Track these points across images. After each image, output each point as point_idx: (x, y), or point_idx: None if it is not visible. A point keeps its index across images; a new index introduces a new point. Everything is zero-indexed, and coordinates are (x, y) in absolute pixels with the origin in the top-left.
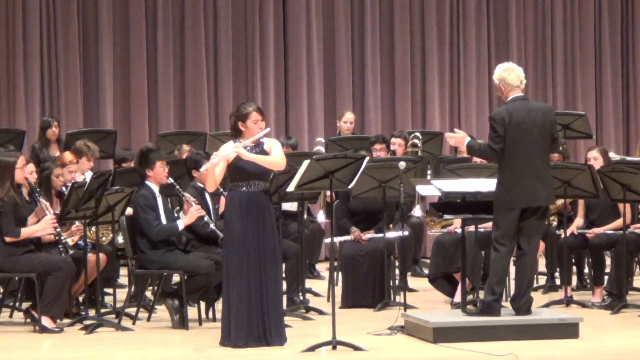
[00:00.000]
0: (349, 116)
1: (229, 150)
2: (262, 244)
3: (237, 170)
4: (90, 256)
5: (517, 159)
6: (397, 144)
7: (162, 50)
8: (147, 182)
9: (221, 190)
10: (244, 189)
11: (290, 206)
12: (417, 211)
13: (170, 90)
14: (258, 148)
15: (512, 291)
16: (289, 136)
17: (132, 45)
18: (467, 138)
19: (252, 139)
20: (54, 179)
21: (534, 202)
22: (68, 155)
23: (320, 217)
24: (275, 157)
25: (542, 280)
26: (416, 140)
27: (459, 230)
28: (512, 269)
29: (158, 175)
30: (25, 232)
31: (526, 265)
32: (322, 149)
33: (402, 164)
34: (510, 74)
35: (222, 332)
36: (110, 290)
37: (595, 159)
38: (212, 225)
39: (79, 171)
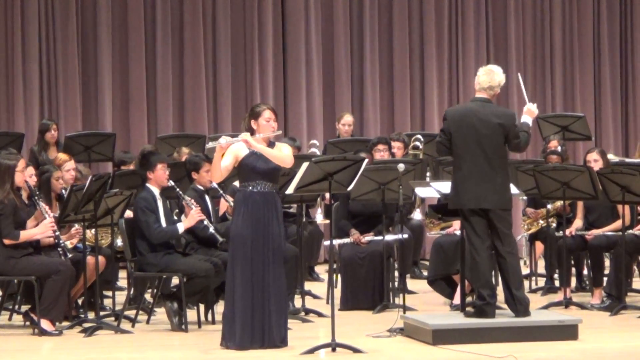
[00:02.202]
0: (347, 119)
1: (237, 138)
2: (268, 246)
3: (246, 169)
4: (90, 259)
5: (468, 160)
6: (395, 147)
7: (161, 52)
8: (147, 185)
9: (221, 192)
10: (252, 189)
11: (288, 206)
12: (417, 214)
13: (169, 92)
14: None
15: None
16: (293, 137)
17: (130, 48)
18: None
19: (262, 135)
20: (54, 182)
21: (480, 204)
22: (62, 155)
23: (319, 217)
24: (283, 152)
25: (541, 281)
26: (417, 143)
27: (458, 232)
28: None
29: (159, 177)
30: (25, 235)
31: (508, 268)
32: (317, 151)
33: (401, 166)
34: (483, 75)
35: (224, 334)
36: (109, 293)
37: (596, 161)
38: (211, 229)
39: None
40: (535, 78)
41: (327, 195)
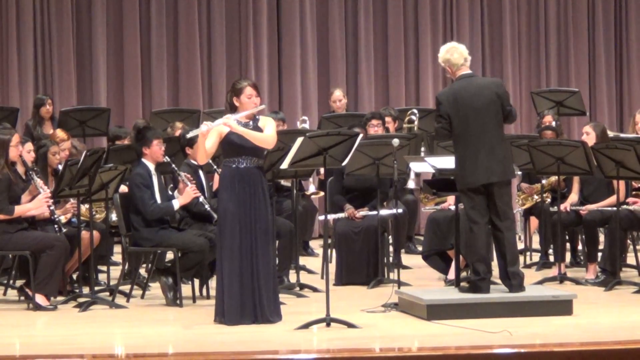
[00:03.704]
0: (337, 94)
1: (219, 121)
2: (254, 221)
3: (230, 145)
4: (84, 234)
5: (469, 137)
6: (385, 121)
7: (156, 27)
8: (143, 160)
9: (215, 167)
10: (237, 165)
11: (283, 180)
12: (411, 183)
13: (164, 67)
14: (252, 124)
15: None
16: (276, 110)
17: (125, 23)
18: None
19: (245, 113)
20: (51, 157)
21: (490, 179)
22: (60, 133)
23: (311, 187)
24: (265, 134)
25: (536, 257)
26: (412, 117)
27: (452, 207)
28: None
29: (155, 153)
30: (19, 210)
31: (505, 242)
32: (307, 127)
33: (395, 141)
34: (453, 54)
35: (216, 309)
36: (104, 268)
37: (588, 134)
38: (207, 207)
39: None
40: (530, 53)
41: (322, 170)
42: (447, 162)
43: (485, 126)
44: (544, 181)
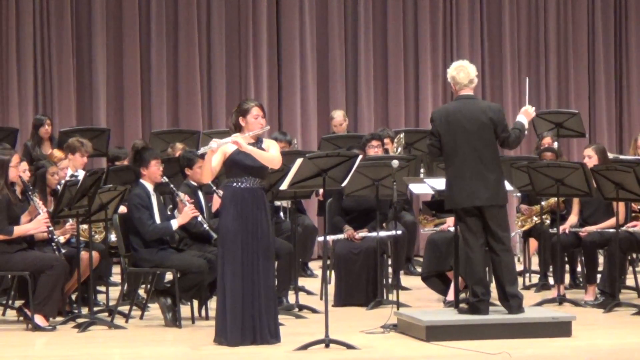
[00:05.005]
0: (338, 119)
1: (228, 139)
2: (256, 242)
3: (234, 165)
4: (83, 254)
5: (456, 159)
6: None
7: (156, 48)
8: (141, 181)
9: (214, 188)
10: (240, 184)
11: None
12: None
13: (164, 88)
14: (257, 146)
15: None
16: (284, 132)
17: (125, 44)
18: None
19: (252, 133)
20: (49, 177)
21: (473, 202)
22: (57, 153)
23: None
24: (272, 154)
25: (535, 278)
26: (401, 136)
27: (451, 229)
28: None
29: (153, 174)
30: (19, 230)
31: (502, 265)
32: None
33: (395, 163)
34: (459, 73)
35: (217, 330)
36: (103, 289)
37: (590, 157)
38: (205, 226)
39: (72, 167)
40: (530, 74)
41: (321, 191)
42: None
43: (476, 150)
44: (543, 203)
